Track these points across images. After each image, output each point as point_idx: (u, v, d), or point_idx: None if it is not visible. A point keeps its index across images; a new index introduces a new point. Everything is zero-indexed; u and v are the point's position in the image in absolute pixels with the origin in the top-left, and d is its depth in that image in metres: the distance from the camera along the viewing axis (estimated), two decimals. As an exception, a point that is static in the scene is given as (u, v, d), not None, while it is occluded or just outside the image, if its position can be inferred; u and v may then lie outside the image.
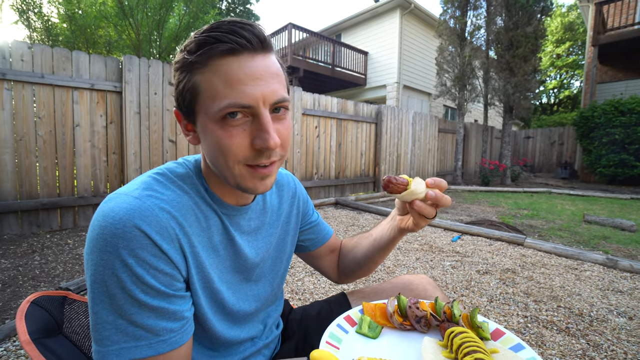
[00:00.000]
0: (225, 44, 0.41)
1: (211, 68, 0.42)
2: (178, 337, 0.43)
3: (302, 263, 2.37)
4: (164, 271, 0.42)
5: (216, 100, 0.42)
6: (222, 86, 0.41)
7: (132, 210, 0.40)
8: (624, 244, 3.08)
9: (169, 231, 0.43)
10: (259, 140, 0.43)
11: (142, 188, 0.44)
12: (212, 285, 0.50)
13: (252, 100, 0.42)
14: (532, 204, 5.34)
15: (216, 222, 0.52)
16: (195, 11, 8.52)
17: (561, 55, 22.01)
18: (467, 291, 1.95)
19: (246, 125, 0.44)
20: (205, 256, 0.49)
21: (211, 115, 0.43)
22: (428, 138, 7.49)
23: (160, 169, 0.49)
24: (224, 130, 0.43)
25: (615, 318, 1.66)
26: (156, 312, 0.41)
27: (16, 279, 1.94)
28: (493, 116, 13.73)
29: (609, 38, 8.08)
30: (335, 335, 0.52)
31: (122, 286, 0.39)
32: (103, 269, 0.38)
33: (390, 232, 0.66)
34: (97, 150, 3.20)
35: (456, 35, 7.69)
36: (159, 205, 0.43)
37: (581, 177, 9.30)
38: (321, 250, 0.76)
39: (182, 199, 0.47)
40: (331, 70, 9.62)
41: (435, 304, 0.59)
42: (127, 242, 0.39)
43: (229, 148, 0.43)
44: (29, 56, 2.79)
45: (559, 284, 2.09)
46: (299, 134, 4.92)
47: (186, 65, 0.43)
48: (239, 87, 0.41)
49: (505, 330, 0.54)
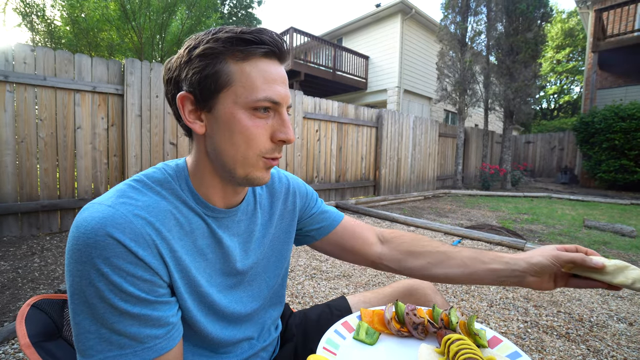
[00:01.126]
0: (269, 46, 0.47)
1: (252, 63, 0.46)
2: (164, 343, 0.43)
3: (302, 267, 2.36)
4: (143, 278, 0.41)
5: (253, 92, 0.46)
6: (260, 81, 0.46)
7: (104, 219, 0.40)
8: (624, 249, 3.07)
9: (145, 237, 0.42)
10: (281, 133, 0.49)
11: (117, 196, 0.44)
12: (200, 289, 0.50)
13: (282, 99, 0.48)
14: (532, 209, 5.34)
15: (200, 225, 0.51)
16: (198, 15, 8.58)
17: (561, 61, 22.12)
18: (467, 296, 1.95)
19: (269, 120, 0.49)
20: (189, 260, 0.49)
21: (243, 104, 0.46)
22: (429, 142, 7.50)
23: (137, 175, 0.50)
24: (252, 120, 0.47)
25: (616, 324, 1.66)
26: (139, 320, 0.41)
27: (15, 281, 1.93)
28: (493, 121, 13.77)
29: (609, 44, 8.12)
30: (333, 341, 0.53)
31: (100, 295, 0.39)
32: (80, 279, 0.39)
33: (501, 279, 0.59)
34: (98, 153, 3.20)
35: (457, 41, 7.74)
36: (133, 212, 0.43)
37: (581, 182, 9.30)
38: (334, 238, 0.71)
39: (160, 204, 0.47)
40: (332, 74, 9.66)
41: (432, 310, 0.59)
42: (101, 251, 0.39)
43: (253, 137, 0.47)
44: (32, 59, 2.81)
45: (559, 289, 2.09)
46: (300, 138, 4.93)
47: (219, 54, 0.46)
48: (274, 85, 0.47)
49: (503, 338, 0.54)
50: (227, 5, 15.34)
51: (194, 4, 8.27)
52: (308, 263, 2.45)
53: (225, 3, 15.19)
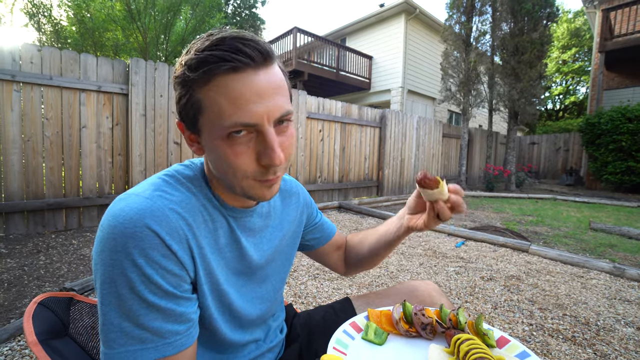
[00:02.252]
0: (228, 62, 0.40)
1: (214, 87, 0.41)
2: (184, 339, 0.43)
3: (305, 267, 2.36)
4: (173, 272, 0.42)
5: (221, 119, 0.41)
6: (227, 105, 0.41)
7: (143, 210, 0.40)
8: (631, 252, 3.03)
9: (179, 232, 0.43)
10: (265, 157, 0.43)
11: (153, 189, 0.44)
12: (220, 287, 0.51)
13: (258, 119, 0.42)
14: (537, 211, 5.30)
15: (223, 224, 0.52)
16: (202, 15, 8.62)
17: (567, 61, 21.92)
18: (471, 297, 1.93)
19: (251, 143, 0.44)
20: (212, 258, 0.49)
21: (216, 133, 0.43)
22: (432, 143, 7.47)
23: (168, 170, 0.50)
24: (230, 148, 0.43)
25: (623, 328, 1.64)
26: (163, 314, 0.41)
27: (21, 279, 1.95)
28: (498, 121, 13.67)
29: (616, 45, 8.03)
30: (342, 341, 0.53)
31: (131, 286, 0.39)
32: (112, 268, 0.39)
33: (397, 229, 0.68)
34: (102, 152, 3.23)
35: (461, 41, 7.69)
36: (169, 206, 0.43)
37: (587, 184, 9.20)
38: (326, 248, 0.78)
39: (191, 201, 0.47)
40: (336, 74, 9.65)
41: (440, 311, 0.60)
42: (138, 242, 0.39)
43: (236, 166, 0.44)
44: (38, 58, 2.83)
45: (565, 291, 2.07)
46: (303, 137, 4.93)
47: (187, 82, 0.42)
48: (244, 106, 0.41)
49: (510, 338, 0.54)
50: (231, 5, 15.38)
51: (197, 4, 8.30)
52: (311, 263, 2.45)
53: (230, 3, 15.22)
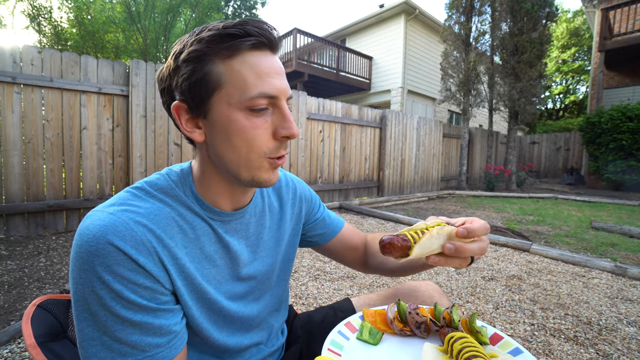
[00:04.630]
0: (255, 37, 0.43)
1: (239, 59, 0.43)
2: (165, 352, 0.42)
3: (306, 268, 2.36)
4: (144, 285, 0.41)
5: (246, 90, 0.43)
6: (252, 77, 0.43)
7: (105, 227, 0.40)
8: (632, 251, 3.02)
9: (146, 244, 0.42)
10: (283, 129, 0.46)
11: (118, 204, 0.44)
12: (207, 296, 0.49)
13: (279, 92, 0.45)
14: (537, 210, 5.28)
15: (207, 232, 0.50)
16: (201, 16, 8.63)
17: (567, 61, 21.91)
18: (472, 297, 1.93)
19: (268, 117, 0.46)
20: (195, 267, 0.48)
21: (237, 105, 0.44)
22: (432, 143, 7.47)
23: (139, 182, 0.49)
24: (249, 120, 0.44)
25: (625, 327, 1.63)
26: (140, 328, 0.40)
27: (22, 281, 1.95)
28: (498, 121, 13.66)
29: (616, 44, 8.02)
30: (337, 342, 0.53)
31: (102, 303, 0.39)
32: (83, 286, 0.39)
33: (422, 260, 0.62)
34: (103, 153, 3.23)
35: (461, 41, 7.70)
36: (134, 219, 0.42)
37: (588, 183, 9.19)
38: (334, 245, 0.74)
39: (162, 211, 0.46)
40: (336, 75, 9.65)
41: (434, 309, 0.60)
42: (102, 259, 0.38)
43: (254, 139, 0.45)
44: (39, 60, 2.84)
45: (566, 291, 2.06)
46: (304, 138, 4.92)
47: (205, 56, 0.43)
48: (268, 79, 0.44)
49: (504, 335, 0.55)
50: (231, 6, 15.40)
51: (196, 4, 8.32)
52: (312, 264, 2.44)
53: (230, 4, 15.25)
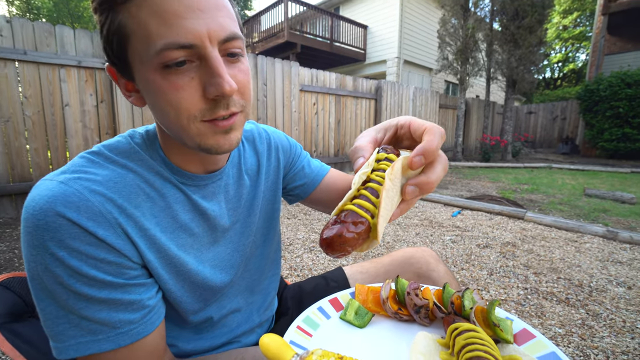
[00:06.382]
0: None
1: (137, 1, 0.33)
2: (140, 327, 0.39)
3: (301, 240, 2.36)
4: (107, 260, 0.36)
5: (150, 42, 0.33)
6: (154, 23, 0.33)
7: (54, 197, 0.34)
8: (623, 216, 3.07)
9: (105, 216, 0.37)
10: (211, 86, 0.35)
11: (71, 171, 0.38)
12: (187, 267, 0.45)
13: (196, 38, 0.34)
14: (532, 179, 5.31)
15: (179, 199, 0.45)
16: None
17: (568, 27, 21.27)
18: (467, 265, 1.95)
19: (193, 72, 0.36)
20: (168, 238, 0.43)
21: (148, 63, 0.35)
22: (429, 114, 7.35)
23: (96, 146, 0.42)
24: (167, 81, 0.35)
25: (615, 288, 1.67)
26: (108, 304, 0.36)
27: (12, 262, 1.92)
28: (495, 91, 13.44)
29: (621, 6, 7.75)
30: (312, 320, 0.45)
31: (60, 281, 0.34)
32: (36, 264, 0.34)
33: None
34: (89, 131, 3.11)
35: (460, 6, 7.36)
36: (90, 187, 0.37)
37: (582, 152, 9.22)
38: (320, 194, 0.65)
39: (125, 178, 0.40)
40: (330, 46, 9.28)
41: (443, 291, 0.49)
42: (53, 233, 0.33)
43: (178, 103, 0.36)
44: (9, 31, 2.64)
45: (559, 256, 2.09)
46: (297, 111, 4.80)
47: (106, 1, 0.34)
48: (177, 21, 0.33)
49: (536, 333, 0.41)
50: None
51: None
52: (307, 236, 2.44)
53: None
